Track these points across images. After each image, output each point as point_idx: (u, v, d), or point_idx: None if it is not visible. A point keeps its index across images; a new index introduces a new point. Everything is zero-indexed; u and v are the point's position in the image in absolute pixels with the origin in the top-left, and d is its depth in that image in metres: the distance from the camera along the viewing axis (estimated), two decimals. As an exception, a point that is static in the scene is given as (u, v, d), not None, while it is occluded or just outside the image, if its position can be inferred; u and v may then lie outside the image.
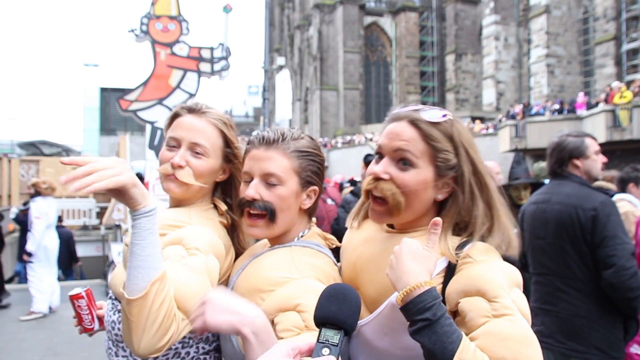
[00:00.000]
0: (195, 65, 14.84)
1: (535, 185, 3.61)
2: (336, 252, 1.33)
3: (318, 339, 0.82)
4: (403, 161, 1.12)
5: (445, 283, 1.05)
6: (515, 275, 1.05)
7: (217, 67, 15.29)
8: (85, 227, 13.54)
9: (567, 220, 2.36)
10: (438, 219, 1.04)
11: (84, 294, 1.50)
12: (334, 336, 0.82)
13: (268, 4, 16.91)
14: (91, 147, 27.23)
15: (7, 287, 7.29)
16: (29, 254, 6.57)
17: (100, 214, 13.83)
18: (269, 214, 1.19)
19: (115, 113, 24.82)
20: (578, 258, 2.34)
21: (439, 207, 1.17)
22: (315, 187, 1.27)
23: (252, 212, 1.21)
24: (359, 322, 1.14)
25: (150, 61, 12.81)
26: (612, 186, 3.68)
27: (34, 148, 21.14)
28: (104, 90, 29.12)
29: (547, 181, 2.82)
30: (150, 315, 1.00)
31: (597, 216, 2.28)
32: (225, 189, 1.50)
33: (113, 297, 1.36)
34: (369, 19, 51.47)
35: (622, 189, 3.56)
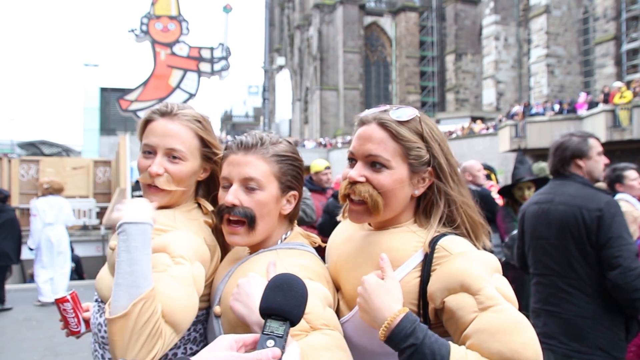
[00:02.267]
0: (195, 65, 14.81)
1: (539, 183, 3.60)
2: (319, 250, 1.31)
3: (263, 331, 0.81)
4: (376, 163, 1.13)
5: (422, 276, 1.07)
6: (492, 261, 1.07)
7: (217, 67, 15.25)
8: (85, 227, 13.52)
9: (572, 221, 2.34)
10: (383, 254, 1.09)
11: (69, 297, 1.48)
12: (279, 327, 0.81)
13: (268, 4, 16.90)
14: (91, 147, 27.15)
15: (7, 287, 7.29)
16: (31, 249, 7.27)
17: (100, 214, 13.82)
18: (248, 220, 1.17)
19: (115, 113, 24.79)
20: (582, 259, 2.32)
21: (417, 202, 1.20)
22: (295, 192, 1.24)
23: (231, 218, 1.18)
24: (340, 319, 1.16)
25: (150, 61, 12.76)
26: (604, 185, 3.71)
27: (34, 148, 21.08)
28: (104, 90, 29.03)
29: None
30: (134, 334, 0.99)
31: (602, 217, 2.26)
32: (209, 186, 1.47)
33: (99, 300, 1.34)
34: (369, 19, 51.48)
35: (612, 190, 3.60)
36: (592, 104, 19.48)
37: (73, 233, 13.25)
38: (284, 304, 0.83)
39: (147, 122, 1.37)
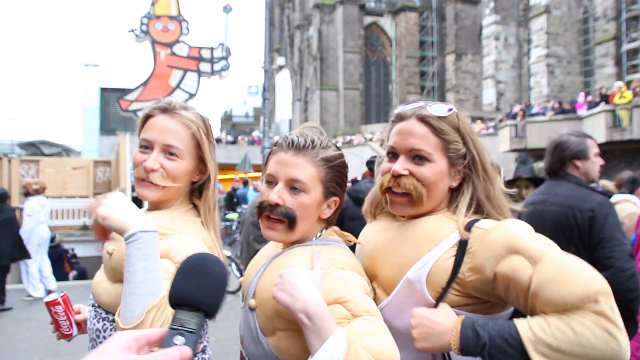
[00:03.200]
0: (195, 65, 14.82)
1: (540, 184, 3.60)
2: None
3: (171, 325, 0.68)
4: (419, 157, 1.20)
5: (457, 256, 1.12)
6: (527, 225, 1.12)
7: (217, 67, 15.25)
8: (85, 227, 13.52)
9: (564, 221, 2.34)
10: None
11: (60, 299, 1.45)
12: (190, 320, 0.68)
13: (268, 4, 16.91)
14: (91, 147, 27.15)
15: (8, 287, 7.30)
16: None
17: (100, 214, 13.81)
18: (289, 220, 1.18)
19: (115, 113, 24.78)
20: (575, 259, 2.32)
21: (451, 193, 1.26)
22: (337, 198, 1.25)
23: (272, 216, 1.20)
24: (379, 305, 1.17)
25: (150, 61, 12.77)
26: (611, 186, 3.65)
27: (34, 148, 21.10)
28: (104, 90, 29.00)
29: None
30: None
31: (594, 217, 2.26)
32: (201, 190, 1.45)
33: (96, 305, 1.33)
34: (369, 19, 51.46)
35: (631, 189, 3.50)
36: (591, 104, 19.47)
37: (73, 233, 13.27)
38: (195, 291, 0.70)
39: (148, 117, 1.37)
